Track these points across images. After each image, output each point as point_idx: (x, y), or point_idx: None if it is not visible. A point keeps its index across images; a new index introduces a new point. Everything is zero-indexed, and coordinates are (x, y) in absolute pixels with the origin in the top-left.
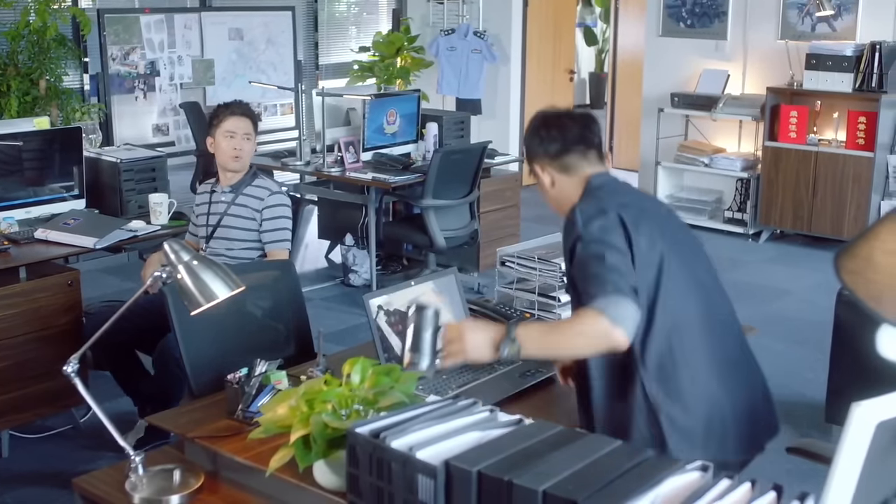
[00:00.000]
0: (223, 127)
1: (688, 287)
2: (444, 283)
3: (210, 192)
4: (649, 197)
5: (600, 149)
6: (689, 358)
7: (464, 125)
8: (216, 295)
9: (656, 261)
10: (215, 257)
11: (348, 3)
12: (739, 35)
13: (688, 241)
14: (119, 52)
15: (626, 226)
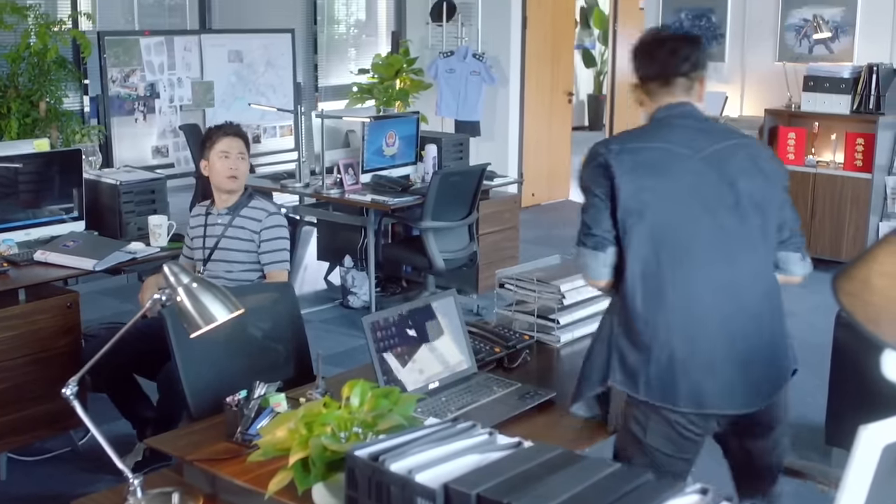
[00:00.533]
0: (217, 148)
1: (668, 239)
2: (443, 306)
3: (205, 215)
4: (681, 146)
5: (686, 76)
6: (650, 303)
7: (463, 147)
8: (215, 318)
9: (636, 208)
10: (214, 279)
11: (347, 25)
12: (737, 57)
13: (704, 200)
14: (119, 75)
15: (612, 171)
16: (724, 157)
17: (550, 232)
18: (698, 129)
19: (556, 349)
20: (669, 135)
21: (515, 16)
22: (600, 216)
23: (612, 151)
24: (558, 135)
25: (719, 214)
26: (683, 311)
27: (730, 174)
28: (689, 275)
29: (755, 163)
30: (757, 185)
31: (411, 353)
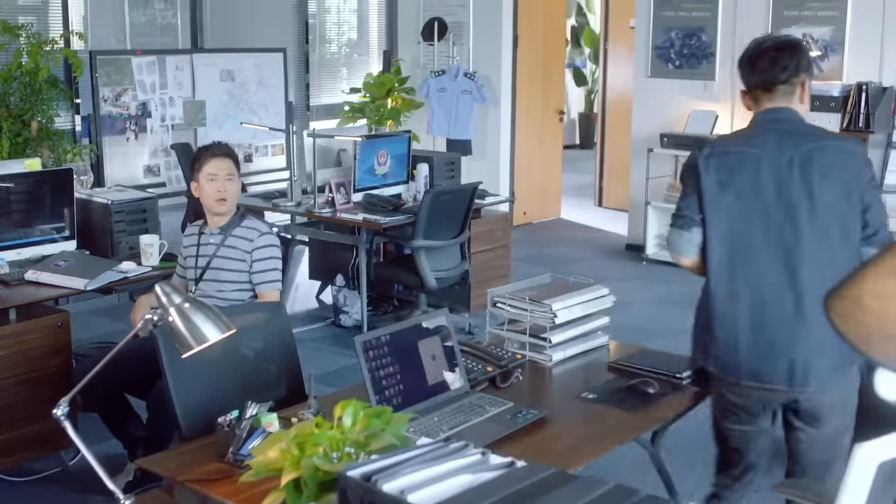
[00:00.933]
0: (205, 170)
1: (740, 236)
2: (435, 325)
3: (198, 234)
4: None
5: (786, 83)
6: (711, 281)
7: (454, 166)
8: (207, 338)
9: (715, 208)
10: (205, 299)
11: (339, 44)
12: (727, 76)
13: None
14: (111, 94)
15: (699, 170)
16: (809, 159)
17: (542, 250)
18: (789, 131)
19: (549, 368)
20: (757, 139)
21: (506, 35)
22: (691, 203)
23: (703, 155)
24: (550, 153)
25: (796, 214)
26: (748, 302)
27: (811, 175)
28: (754, 270)
29: (841, 164)
30: (838, 186)
31: (403, 372)
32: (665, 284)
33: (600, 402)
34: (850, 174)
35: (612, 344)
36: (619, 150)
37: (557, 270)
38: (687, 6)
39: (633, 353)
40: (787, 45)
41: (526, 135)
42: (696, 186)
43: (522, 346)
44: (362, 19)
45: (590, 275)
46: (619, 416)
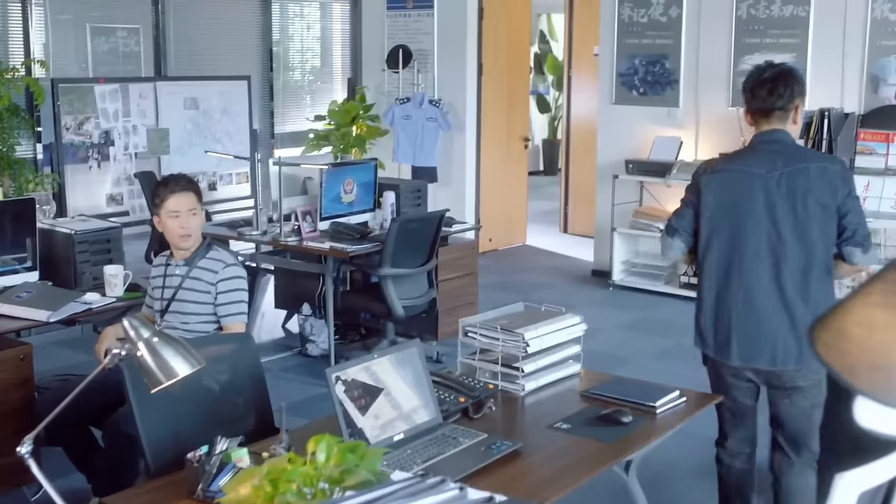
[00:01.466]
0: (166, 207)
1: (737, 242)
2: (407, 355)
3: (165, 266)
4: (761, 167)
5: (782, 109)
6: (705, 277)
7: (421, 193)
8: (177, 373)
9: (714, 220)
10: (171, 331)
11: (303, 71)
12: (691, 102)
13: (769, 212)
14: (73, 122)
15: (700, 185)
16: (795, 176)
17: (508, 277)
18: (780, 152)
19: (521, 398)
20: (753, 160)
21: (471, 62)
22: (683, 216)
23: (705, 173)
24: (515, 180)
25: (780, 223)
26: (741, 297)
27: (795, 192)
28: (745, 272)
29: (823, 181)
30: (818, 201)
31: (375, 405)
32: (632, 311)
33: (574, 433)
34: (829, 190)
35: (584, 372)
36: (584, 177)
37: (524, 297)
38: (650, 34)
39: (605, 382)
40: (783, 74)
41: (491, 162)
42: (693, 203)
43: (494, 376)
44: (326, 47)
45: (557, 301)
46: (593, 446)
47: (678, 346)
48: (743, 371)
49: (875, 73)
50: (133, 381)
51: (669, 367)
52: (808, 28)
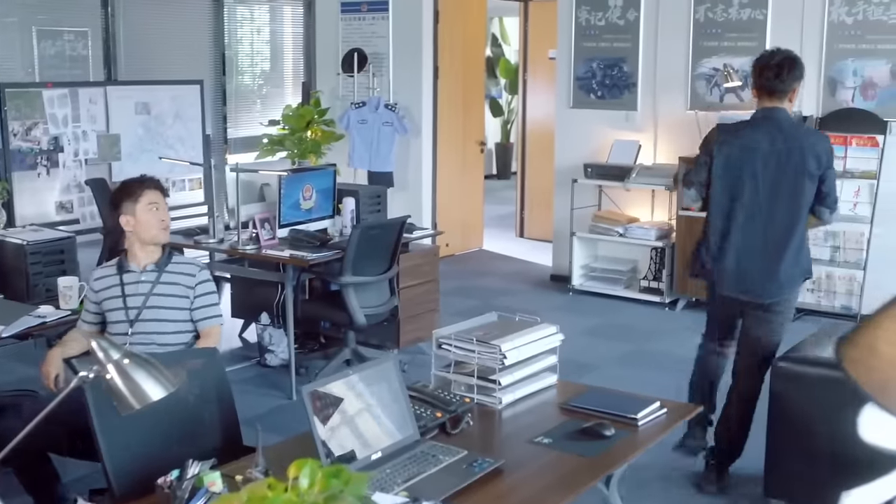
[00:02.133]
0: (144, 200)
1: (737, 198)
2: (384, 371)
3: (118, 275)
4: (763, 138)
5: (783, 91)
6: (711, 224)
7: (381, 199)
8: (150, 397)
9: (720, 178)
10: (144, 345)
11: (255, 75)
12: (649, 106)
13: (765, 171)
14: (20, 128)
15: (712, 150)
16: (790, 149)
17: (467, 282)
18: (778, 127)
19: (498, 411)
20: (754, 132)
21: (427, 65)
22: (699, 171)
23: (717, 142)
24: (471, 184)
25: (774, 185)
26: (737, 241)
27: (789, 162)
28: (741, 224)
29: (811, 152)
30: (808, 170)
31: (352, 423)
32: (593, 316)
33: (556, 448)
34: (816, 162)
35: (559, 383)
36: (540, 181)
37: (484, 303)
38: (608, 37)
39: (583, 394)
40: (787, 61)
41: (447, 166)
42: (706, 161)
43: (470, 389)
44: (280, 50)
45: (517, 307)
46: (575, 461)
47: (641, 352)
48: (732, 297)
49: (832, 76)
50: (95, 400)
51: (635, 373)
52: (766, 31)
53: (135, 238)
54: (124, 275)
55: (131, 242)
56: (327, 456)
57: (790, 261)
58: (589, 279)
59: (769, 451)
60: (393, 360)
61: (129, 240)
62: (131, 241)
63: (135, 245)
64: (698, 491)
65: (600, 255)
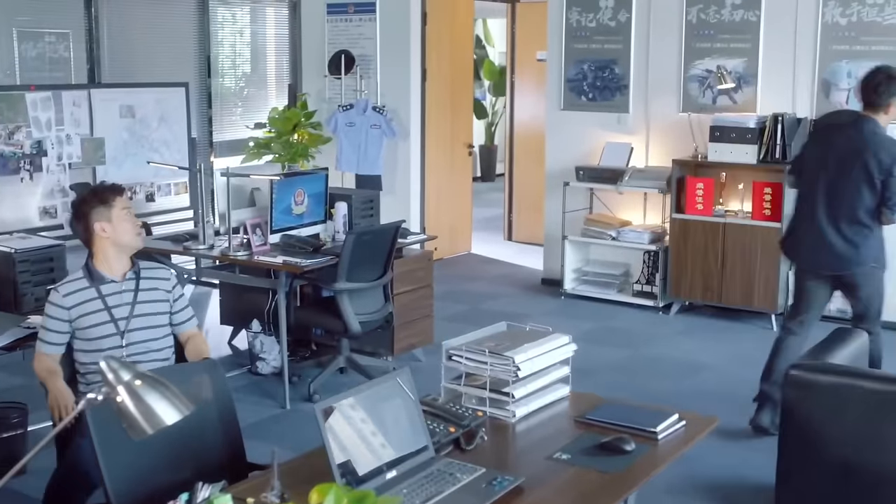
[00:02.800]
0: (119, 205)
1: (813, 186)
2: (396, 384)
3: (93, 288)
4: (842, 138)
5: (878, 104)
6: (796, 207)
7: (373, 204)
8: (163, 421)
9: (804, 168)
10: (140, 354)
11: (240, 78)
12: (641, 108)
13: (836, 167)
14: (3, 131)
15: (806, 143)
16: (860, 154)
17: (457, 287)
18: (860, 131)
19: (512, 425)
20: (839, 132)
21: (415, 68)
22: (797, 157)
23: (810, 136)
24: (460, 187)
25: (844, 178)
26: (811, 224)
27: (859, 159)
28: (816, 208)
29: (875, 161)
30: (871, 173)
31: (366, 440)
32: (586, 320)
33: (575, 463)
34: (878, 169)
35: (572, 395)
36: (528, 183)
37: (475, 308)
38: (599, 39)
39: (599, 406)
40: (888, 76)
41: (435, 169)
42: (802, 148)
43: (481, 402)
44: (266, 53)
45: (509, 311)
46: (597, 478)
47: (638, 357)
48: (810, 272)
49: (826, 77)
50: (95, 418)
51: (634, 380)
52: (759, 32)
53: (109, 245)
54: (102, 286)
55: (104, 250)
56: (342, 476)
57: (850, 246)
58: (581, 283)
59: (781, 461)
60: (406, 374)
61: (102, 248)
62: (104, 248)
63: (109, 253)
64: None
65: (592, 258)
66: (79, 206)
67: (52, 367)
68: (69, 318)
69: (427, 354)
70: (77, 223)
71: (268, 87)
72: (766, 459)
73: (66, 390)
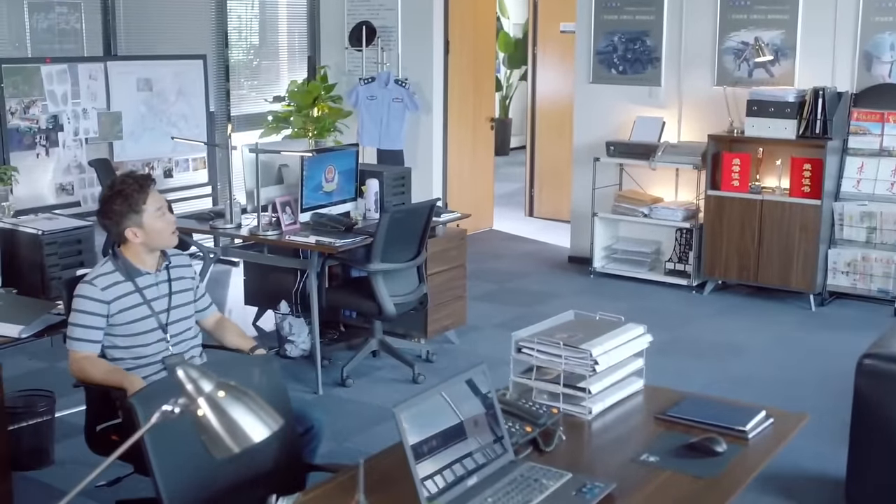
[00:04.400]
0: (151, 206)
1: None
2: (475, 381)
3: (129, 280)
4: None
5: None
6: None
7: (405, 181)
8: (251, 438)
9: None
10: (179, 346)
11: (256, 49)
12: (674, 81)
13: None
14: (18, 106)
15: None
16: None
17: (482, 265)
18: None
19: (587, 422)
20: None
21: (437, 40)
22: None
23: None
24: (482, 163)
25: None
26: None
27: None
28: None
29: None
30: None
31: (445, 443)
32: (618, 300)
33: (666, 467)
34: None
35: (647, 389)
36: (550, 158)
37: (503, 287)
38: (630, 9)
39: (679, 402)
40: None
41: (458, 143)
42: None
43: (553, 398)
44: (284, 24)
45: (538, 290)
46: (692, 484)
47: (678, 339)
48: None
49: (868, 50)
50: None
51: (674, 363)
52: (798, 3)
53: (141, 248)
54: (138, 279)
55: (135, 249)
56: (422, 482)
57: None
58: (611, 261)
59: (852, 455)
60: (483, 370)
61: (134, 247)
62: (136, 249)
63: (140, 251)
64: None
65: (622, 236)
66: (107, 208)
67: (108, 366)
68: (108, 313)
69: (460, 336)
70: (105, 222)
71: (289, 60)
72: (822, 449)
73: (137, 381)
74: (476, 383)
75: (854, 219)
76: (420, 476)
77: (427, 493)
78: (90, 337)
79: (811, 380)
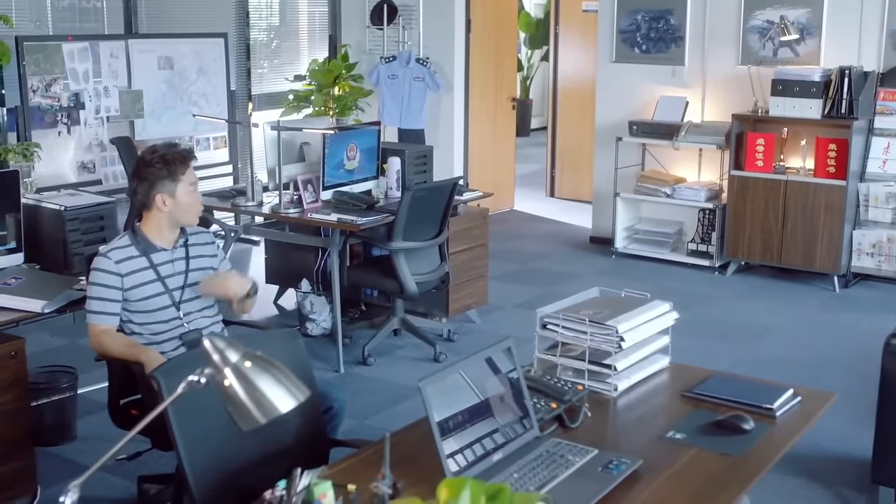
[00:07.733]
0: (185, 181)
1: None
2: (500, 358)
3: (144, 256)
4: None
5: None
6: None
7: (427, 159)
8: (278, 409)
9: None
10: (193, 322)
11: (276, 27)
12: (698, 60)
13: None
14: (40, 84)
15: None
16: None
17: (503, 245)
18: None
19: (613, 399)
20: None
21: (459, 19)
22: None
23: None
24: (503, 143)
25: None
26: None
27: None
28: None
29: None
30: None
31: (470, 419)
32: (641, 281)
33: (692, 444)
34: None
35: (672, 366)
36: (572, 139)
37: (525, 267)
38: None
39: (705, 380)
40: None
41: (479, 123)
42: None
43: (578, 374)
44: (304, 2)
45: (560, 270)
46: (720, 461)
47: (701, 320)
48: None
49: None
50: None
51: (698, 343)
52: None
53: (165, 218)
54: (153, 254)
55: (158, 221)
56: (448, 458)
57: None
58: (633, 242)
59: (878, 434)
60: (510, 344)
61: (157, 218)
62: (159, 219)
63: (163, 224)
64: None
65: (644, 216)
66: (144, 169)
67: (126, 340)
68: (122, 287)
69: (482, 315)
70: (137, 184)
71: (309, 38)
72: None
73: (156, 357)
74: (501, 359)
75: (880, 200)
76: (445, 452)
77: (455, 468)
78: (107, 309)
79: (836, 361)
